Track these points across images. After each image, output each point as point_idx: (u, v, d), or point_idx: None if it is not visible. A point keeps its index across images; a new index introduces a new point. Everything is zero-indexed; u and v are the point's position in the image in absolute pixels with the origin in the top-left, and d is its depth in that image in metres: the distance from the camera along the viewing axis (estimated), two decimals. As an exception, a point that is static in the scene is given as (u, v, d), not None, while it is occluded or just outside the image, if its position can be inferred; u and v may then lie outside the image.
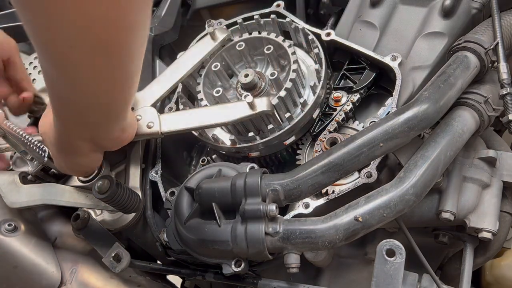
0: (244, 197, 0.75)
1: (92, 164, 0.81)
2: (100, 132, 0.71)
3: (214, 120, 0.85)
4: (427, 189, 0.74)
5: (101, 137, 0.73)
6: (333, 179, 0.76)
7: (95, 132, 0.70)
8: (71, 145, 0.72)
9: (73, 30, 0.47)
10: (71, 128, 0.68)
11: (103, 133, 0.72)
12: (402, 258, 0.70)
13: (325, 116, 0.93)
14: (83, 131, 0.69)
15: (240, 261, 0.77)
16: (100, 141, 0.74)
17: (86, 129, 0.69)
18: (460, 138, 0.79)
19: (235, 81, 0.99)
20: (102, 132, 0.72)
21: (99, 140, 0.73)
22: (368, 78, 0.92)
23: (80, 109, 0.62)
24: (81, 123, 0.67)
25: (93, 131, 0.70)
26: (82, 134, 0.69)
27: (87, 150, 0.74)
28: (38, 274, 0.90)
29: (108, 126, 0.71)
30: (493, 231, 0.83)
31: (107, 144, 0.77)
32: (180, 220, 0.81)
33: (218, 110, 0.86)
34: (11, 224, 0.91)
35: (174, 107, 1.02)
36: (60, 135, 0.71)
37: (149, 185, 0.97)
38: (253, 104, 0.80)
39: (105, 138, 0.74)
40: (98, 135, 0.72)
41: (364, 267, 0.99)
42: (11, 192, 0.91)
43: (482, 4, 0.94)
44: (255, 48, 0.99)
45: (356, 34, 0.99)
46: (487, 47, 0.83)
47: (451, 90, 0.78)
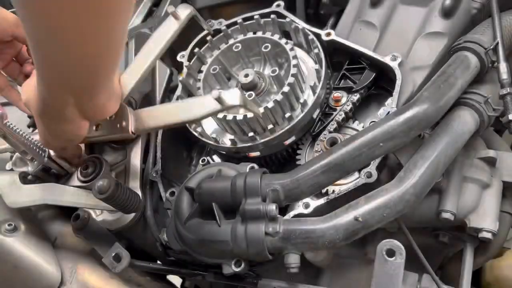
0: (244, 197, 0.75)
1: (78, 132, 0.77)
2: (85, 97, 0.70)
3: (185, 116, 0.81)
4: (427, 189, 0.74)
5: (86, 103, 0.71)
6: (333, 179, 0.76)
7: (80, 97, 0.69)
8: (55, 109, 0.70)
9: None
10: (56, 91, 0.67)
11: (87, 98, 0.70)
12: (402, 258, 0.70)
13: (325, 116, 0.92)
14: (68, 95, 0.67)
15: (240, 261, 0.77)
16: (85, 107, 0.72)
17: (71, 94, 0.67)
18: (460, 138, 0.79)
19: (233, 84, 0.99)
20: (86, 98, 0.70)
21: (84, 107, 0.71)
22: (368, 78, 0.92)
23: (65, 71, 0.61)
24: (66, 86, 0.65)
25: (78, 95, 0.68)
26: (67, 98, 0.67)
27: (72, 116, 0.72)
28: (38, 274, 0.90)
29: (94, 91, 0.69)
30: (493, 231, 0.83)
31: (92, 112, 0.74)
32: (180, 220, 0.81)
33: (187, 106, 0.82)
34: (11, 224, 0.91)
35: (174, 107, 1.02)
36: (44, 100, 0.69)
37: (149, 185, 0.98)
38: (221, 99, 0.74)
39: (90, 105, 0.72)
40: (83, 101, 0.70)
41: (364, 267, 0.99)
42: (11, 192, 0.91)
43: (482, 4, 0.94)
44: (251, 49, 0.99)
45: (356, 34, 0.99)
46: (487, 47, 0.83)
47: (451, 90, 0.78)
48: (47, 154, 0.92)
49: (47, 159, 0.92)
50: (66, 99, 0.68)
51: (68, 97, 0.67)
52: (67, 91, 0.66)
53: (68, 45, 0.55)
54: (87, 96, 0.70)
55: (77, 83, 0.65)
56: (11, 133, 0.85)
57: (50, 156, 0.93)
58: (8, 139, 0.86)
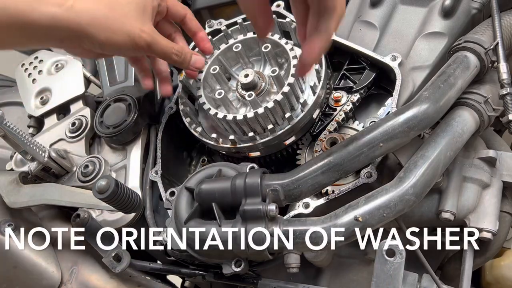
0: (244, 197, 0.75)
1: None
2: None
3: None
4: (427, 189, 0.74)
5: None
6: (333, 179, 0.76)
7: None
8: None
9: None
10: None
11: None
12: (402, 258, 0.70)
13: (325, 116, 0.92)
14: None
15: (240, 261, 0.77)
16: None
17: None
18: (460, 138, 0.79)
19: (233, 84, 0.99)
20: None
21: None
22: (368, 78, 0.92)
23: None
24: None
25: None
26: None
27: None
28: (38, 274, 0.90)
29: None
30: (493, 231, 0.83)
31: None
32: (180, 220, 0.81)
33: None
34: (11, 224, 0.91)
35: (174, 107, 1.02)
36: None
37: (149, 185, 0.97)
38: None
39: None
40: None
41: (364, 267, 0.99)
42: (11, 192, 0.91)
43: (482, 4, 0.94)
44: (251, 49, 0.99)
45: (356, 34, 0.99)
46: (487, 47, 0.83)
47: (451, 90, 0.78)
48: (47, 154, 0.92)
49: (47, 159, 0.92)
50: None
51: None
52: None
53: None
54: None
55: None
56: (11, 133, 0.85)
57: (50, 156, 0.93)
58: (8, 139, 0.86)
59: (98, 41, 0.73)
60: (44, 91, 1.16)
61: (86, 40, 0.73)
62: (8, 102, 1.36)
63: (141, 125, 1.02)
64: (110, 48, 0.75)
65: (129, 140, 1.02)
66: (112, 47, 0.75)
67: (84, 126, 1.05)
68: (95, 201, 0.87)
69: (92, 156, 1.00)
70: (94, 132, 1.05)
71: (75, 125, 1.05)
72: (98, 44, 0.73)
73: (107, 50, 0.75)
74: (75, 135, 1.05)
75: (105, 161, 0.98)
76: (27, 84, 1.17)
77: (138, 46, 0.76)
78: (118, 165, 1.01)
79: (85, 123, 1.05)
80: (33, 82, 1.17)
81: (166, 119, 1.02)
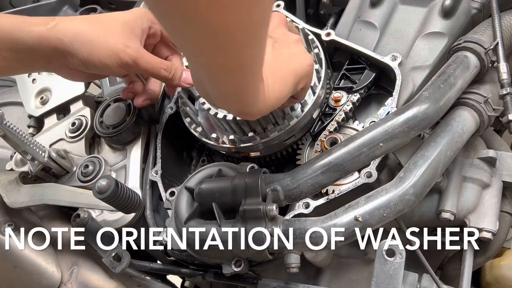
0: (244, 197, 0.75)
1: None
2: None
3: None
4: (427, 189, 0.74)
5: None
6: (333, 179, 0.76)
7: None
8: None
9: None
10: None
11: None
12: (402, 258, 0.70)
13: (325, 116, 0.92)
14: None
15: (240, 261, 0.77)
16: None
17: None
18: (460, 138, 0.79)
19: None
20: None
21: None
22: (368, 78, 0.92)
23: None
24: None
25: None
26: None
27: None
28: (38, 274, 0.91)
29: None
30: (493, 231, 0.83)
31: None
32: (180, 220, 0.81)
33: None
34: (11, 224, 0.91)
35: (174, 107, 1.02)
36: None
37: (149, 185, 0.97)
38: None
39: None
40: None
41: (364, 267, 0.99)
42: (11, 192, 0.91)
43: (482, 4, 0.94)
44: None
45: (356, 34, 0.99)
46: (487, 47, 0.83)
47: (451, 90, 0.78)
48: (47, 154, 0.92)
49: (47, 159, 0.92)
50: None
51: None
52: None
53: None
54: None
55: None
56: (11, 133, 0.85)
57: (50, 156, 0.93)
58: (8, 139, 0.86)
59: (80, 57, 0.73)
60: (44, 91, 1.16)
61: (69, 58, 0.73)
62: (8, 102, 1.36)
63: (141, 125, 1.02)
64: (93, 64, 0.74)
65: (129, 140, 1.02)
66: (96, 63, 0.74)
67: (84, 126, 1.05)
68: (95, 201, 0.87)
69: (92, 156, 1.00)
70: (94, 132, 1.04)
71: (75, 125, 1.05)
72: (81, 60, 0.73)
73: (91, 67, 0.75)
74: (75, 135, 1.05)
75: (105, 161, 0.98)
76: (27, 84, 1.17)
77: (123, 62, 0.75)
78: (118, 165, 1.01)
79: (85, 123, 1.05)
80: (33, 82, 1.17)
81: (166, 119, 1.02)
